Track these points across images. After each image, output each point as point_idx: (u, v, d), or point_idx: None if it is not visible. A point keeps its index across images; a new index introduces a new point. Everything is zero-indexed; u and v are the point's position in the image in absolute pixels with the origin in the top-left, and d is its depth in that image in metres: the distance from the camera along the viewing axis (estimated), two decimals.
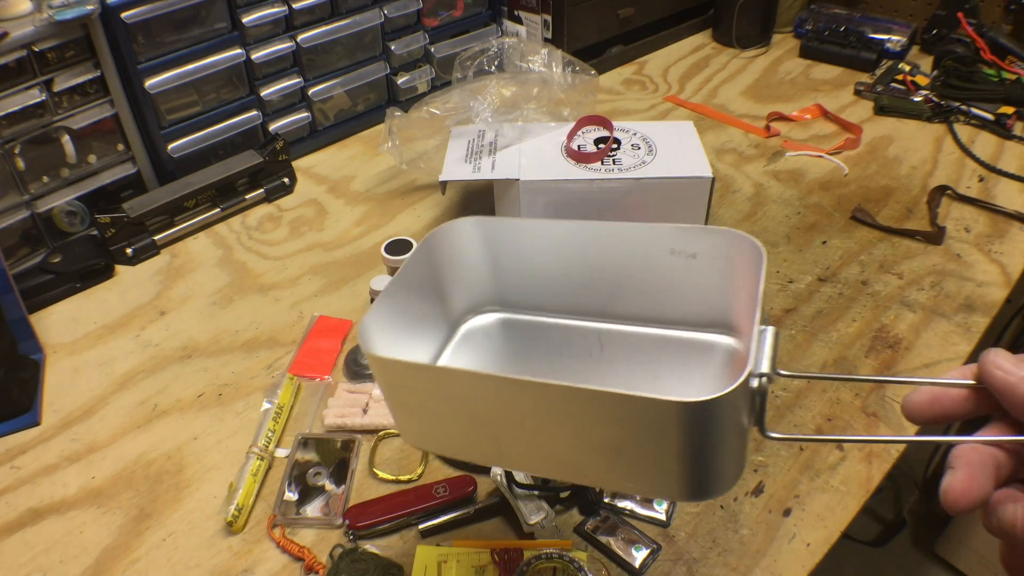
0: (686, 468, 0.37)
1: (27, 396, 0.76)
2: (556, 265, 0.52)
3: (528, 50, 1.03)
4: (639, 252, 0.49)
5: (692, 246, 0.48)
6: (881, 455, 0.67)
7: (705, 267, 0.48)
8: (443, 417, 0.43)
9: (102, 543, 0.63)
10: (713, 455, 0.36)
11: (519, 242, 0.52)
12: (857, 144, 1.14)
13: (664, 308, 0.51)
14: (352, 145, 1.21)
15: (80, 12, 0.86)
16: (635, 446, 0.38)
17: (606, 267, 0.50)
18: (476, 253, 0.53)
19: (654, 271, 0.49)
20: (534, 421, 0.40)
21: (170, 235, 0.99)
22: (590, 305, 0.52)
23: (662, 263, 0.49)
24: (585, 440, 0.39)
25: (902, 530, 1.53)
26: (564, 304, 0.53)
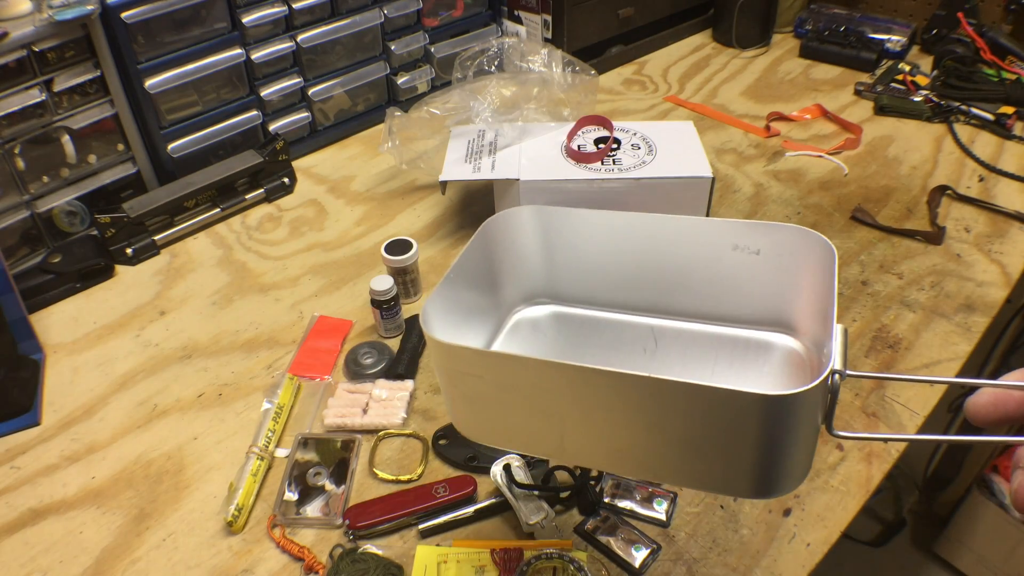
0: (759, 463, 0.37)
1: (27, 396, 0.76)
2: (612, 257, 0.51)
3: (528, 50, 1.03)
4: (701, 247, 0.48)
5: (757, 242, 0.47)
6: (881, 455, 0.67)
7: (768, 264, 0.47)
8: (505, 408, 0.42)
9: (102, 543, 0.63)
10: (786, 451, 0.36)
11: (576, 233, 0.51)
12: (857, 144, 1.14)
13: (722, 304, 0.49)
14: (352, 145, 1.21)
15: (80, 12, 0.86)
16: (710, 440, 0.37)
17: (665, 261, 0.49)
18: (532, 243, 0.52)
19: (715, 267, 0.48)
20: (603, 413, 0.38)
21: (170, 235, 0.99)
22: (645, 300, 0.51)
23: (724, 259, 0.48)
24: (657, 434, 0.38)
25: (902, 530, 1.53)
26: (617, 298, 0.52)
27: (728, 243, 0.47)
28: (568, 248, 0.51)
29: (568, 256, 0.52)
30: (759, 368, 0.48)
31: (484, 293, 0.51)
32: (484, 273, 0.50)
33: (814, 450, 0.38)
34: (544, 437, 0.42)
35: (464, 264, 0.47)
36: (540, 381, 0.39)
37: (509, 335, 0.52)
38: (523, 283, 0.53)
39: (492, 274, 0.51)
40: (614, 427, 0.39)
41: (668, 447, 0.39)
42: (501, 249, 0.50)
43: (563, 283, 0.53)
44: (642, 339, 0.50)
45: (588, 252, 0.51)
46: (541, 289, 0.54)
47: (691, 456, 0.39)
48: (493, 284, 0.51)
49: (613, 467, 0.48)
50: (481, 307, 0.50)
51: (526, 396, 0.40)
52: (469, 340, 0.48)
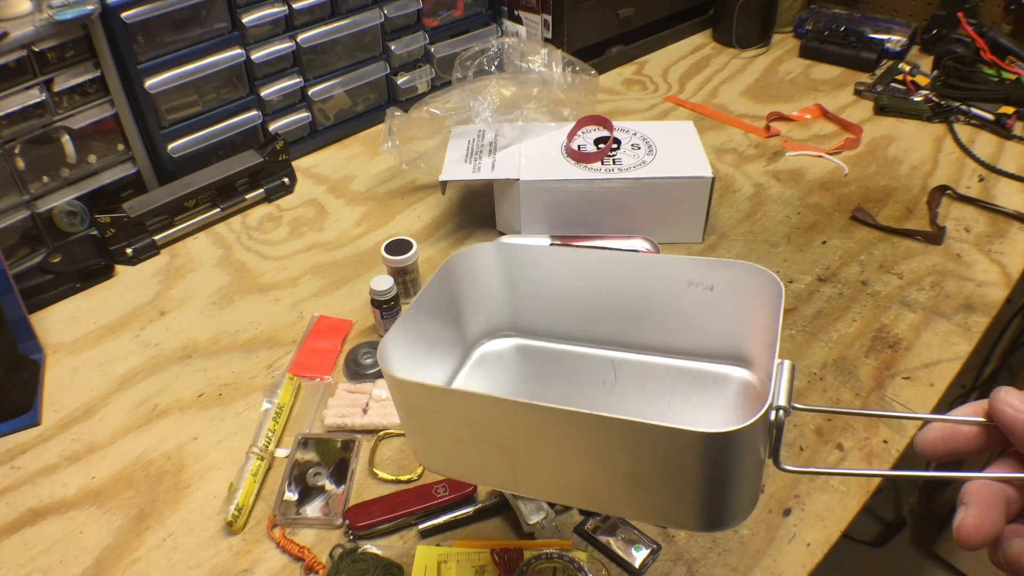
0: (704, 498, 0.37)
1: (27, 396, 0.76)
2: (573, 293, 0.52)
3: (528, 50, 1.03)
4: (657, 282, 0.50)
5: (710, 278, 0.48)
6: (881, 455, 0.67)
7: (722, 299, 0.48)
8: (460, 441, 0.43)
9: (102, 543, 0.63)
10: (730, 486, 0.37)
11: (537, 269, 0.52)
12: (857, 144, 1.14)
13: (679, 338, 0.51)
14: (352, 145, 1.21)
15: (80, 12, 0.86)
16: (655, 475, 0.38)
17: (623, 296, 0.51)
18: (494, 278, 0.53)
19: (671, 302, 0.50)
20: (553, 448, 0.40)
21: (170, 235, 0.99)
22: (605, 333, 0.53)
23: (679, 294, 0.49)
24: (604, 468, 0.39)
25: (902, 530, 1.53)
26: (579, 332, 0.53)
27: (683, 279, 0.49)
28: (530, 283, 0.53)
29: (531, 291, 0.53)
30: (715, 401, 0.48)
31: (448, 326, 0.52)
32: (448, 308, 0.51)
33: (759, 484, 0.39)
34: (498, 470, 0.43)
35: (426, 299, 0.48)
36: (491, 416, 0.40)
37: (474, 367, 0.53)
38: (487, 317, 0.54)
39: (456, 309, 0.52)
40: (564, 461, 0.40)
41: (616, 481, 0.39)
42: (465, 285, 0.52)
43: (526, 317, 0.54)
44: (602, 372, 0.52)
45: (550, 287, 0.52)
46: (505, 323, 0.55)
47: (638, 490, 0.39)
48: (457, 318, 0.53)
49: (564, 499, 0.48)
50: (445, 340, 0.52)
51: (480, 431, 0.41)
52: (433, 373, 0.49)
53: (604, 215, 0.92)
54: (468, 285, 0.52)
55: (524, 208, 0.92)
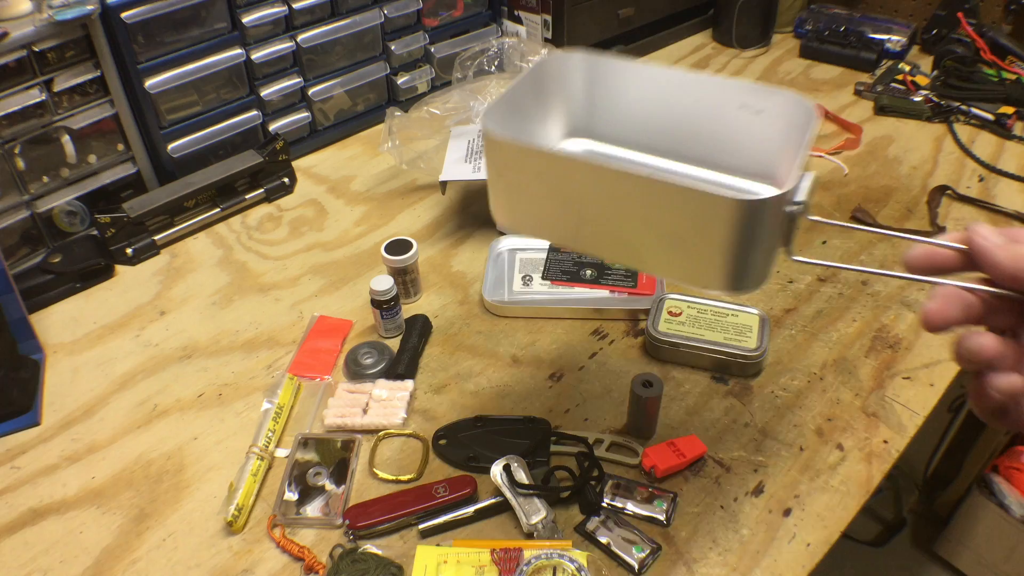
0: (728, 259, 0.45)
1: (27, 396, 0.76)
2: (643, 106, 0.59)
3: (528, 50, 1.03)
4: (715, 102, 0.56)
5: (761, 103, 0.55)
6: (881, 455, 0.67)
7: (767, 124, 0.55)
8: (537, 199, 0.51)
9: (102, 543, 0.63)
10: (749, 251, 0.45)
11: (616, 80, 0.59)
12: (857, 144, 1.14)
13: (725, 156, 0.58)
14: (352, 145, 1.21)
15: (80, 12, 0.86)
16: (691, 234, 0.46)
17: (686, 113, 0.57)
18: (578, 84, 0.60)
19: (724, 122, 0.56)
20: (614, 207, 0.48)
21: (170, 235, 0.99)
22: (665, 145, 0.59)
23: (732, 116, 0.56)
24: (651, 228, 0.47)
25: (902, 530, 1.53)
26: (644, 141, 0.60)
27: (737, 102, 0.56)
28: (608, 93, 0.59)
29: (606, 100, 0.60)
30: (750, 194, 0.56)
31: (533, 123, 0.59)
32: (534, 104, 0.58)
33: (774, 260, 0.47)
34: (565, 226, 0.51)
35: (516, 91, 0.55)
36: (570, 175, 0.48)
37: None
38: (566, 119, 0.61)
39: (542, 107, 0.59)
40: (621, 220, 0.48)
41: (660, 240, 0.48)
42: (553, 86, 0.59)
43: (600, 123, 0.61)
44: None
45: (624, 98, 0.59)
46: (580, 127, 0.62)
47: (677, 251, 0.48)
48: (542, 116, 0.59)
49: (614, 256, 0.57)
50: (529, 132, 0.58)
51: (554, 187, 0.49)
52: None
53: None
54: (556, 86, 0.59)
55: None
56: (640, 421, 0.68)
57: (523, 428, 0.69)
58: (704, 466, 0.67)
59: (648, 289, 0.83)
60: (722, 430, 0.70)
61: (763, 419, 0.71)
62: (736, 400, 0.73)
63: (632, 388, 0.66)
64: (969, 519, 1.41)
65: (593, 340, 0.80)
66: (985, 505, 1.36)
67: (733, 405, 0.73)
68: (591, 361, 0.78)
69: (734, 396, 0.73)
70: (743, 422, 0.71)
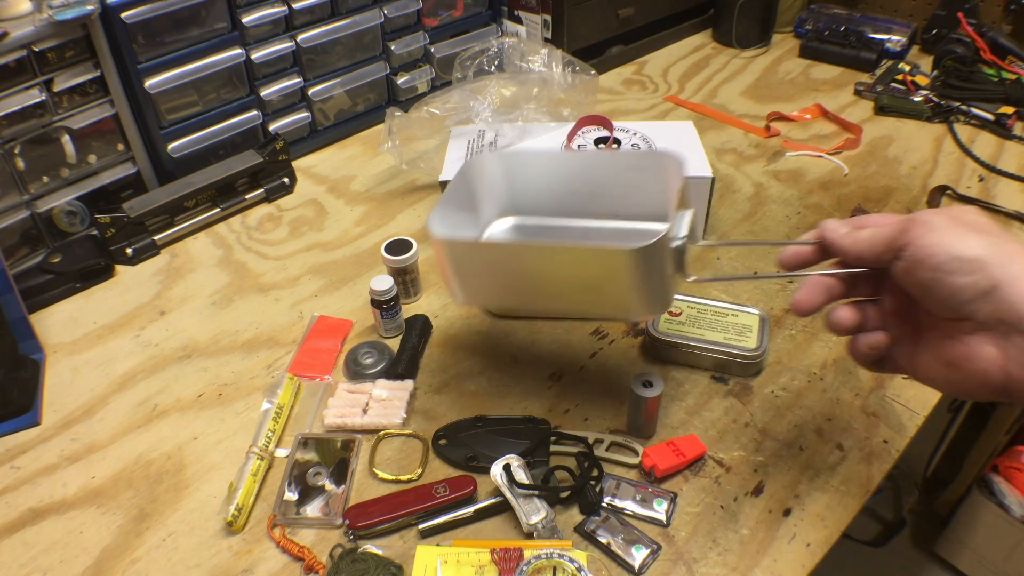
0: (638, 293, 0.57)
1: (27, 396, 0.76)
2: (551, 181, 0.72)
3: (528, 50, 1.03)
4: (608, 169, 0.71)
5: (642, 164, 0.69)
6: (881, 455, 0.67)
7: (650, 178, 0.69)
8: (483, 278, 0.62)
9: (102, 543, 0.63)
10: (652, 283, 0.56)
11: (527, 166, 0.72)
12: (857, 144, 1.14)
13: (624, 207, 0.71)
14: (352, 145, 1.21)
15: (80, 12, 0.86)
16: (605, 281, 0.58)
17: (586, 181, 0.71)
18: (497, 176, 0.72)
19: (617, 182, 0.71)
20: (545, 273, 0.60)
21: (170, 235, 0.99)
22: (575, 208, 0.73)
23: (622, 176, 0.70)
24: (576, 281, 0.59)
25: (902, 530, 1.53)
26: (558, 209, 0.73)
27: (625, 166, 0.70)
28: (522, 177, 0.72)
29: (522, 183, 0.73)
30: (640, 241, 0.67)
31: (467, 214, 0.71)
32: (466, 199, 0.70)
33: (672, 287, 0.58)
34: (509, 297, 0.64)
35: (452, 192, 0.67)
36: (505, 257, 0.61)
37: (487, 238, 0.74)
38: (492, 204, 0.74)
39: (472, 200, 0.71)
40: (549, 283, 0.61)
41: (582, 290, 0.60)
42: (477, 182, 0.71)
43: (520, 201, 0.74)
44: (576, 235, 0.73)
45: (536, 179, 0.72)
46: (506, 208, 0.75)
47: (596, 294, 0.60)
48: (473, 207, 0.72)
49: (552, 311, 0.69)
50: (467, 224, 0.71)
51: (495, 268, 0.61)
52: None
53: None
54: (480, 183, 0.71)
55: None
56: (640, 421, 0.68)
57: (523, 428, 0.69)
58: (704, 466, 0.67)
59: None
60: (722, 430, 0.70)
61: (763, 419, 0.71)
62: (736, 400, 0.73)
63: (632, 388, 0.66)
64: (969, 519, 1.41)
65: (593, 340, 0.80)
66: (985, 505, 1.36)
67: (733, 405, 0.73)
68: (591, 361, 0.78)
69: (734, 396, 0.73)
70: (743, 422, 0.71)
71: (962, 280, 0.45)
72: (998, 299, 0.44)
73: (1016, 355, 0.45)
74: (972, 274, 0.45)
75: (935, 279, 0.46)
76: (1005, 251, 0.45)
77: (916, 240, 0.47)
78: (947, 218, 0.47)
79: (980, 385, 0.47)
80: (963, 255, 0.45)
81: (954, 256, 0.45)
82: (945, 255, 0.46)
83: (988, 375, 0.46)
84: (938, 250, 0.46)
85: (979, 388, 0.48)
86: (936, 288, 0.47)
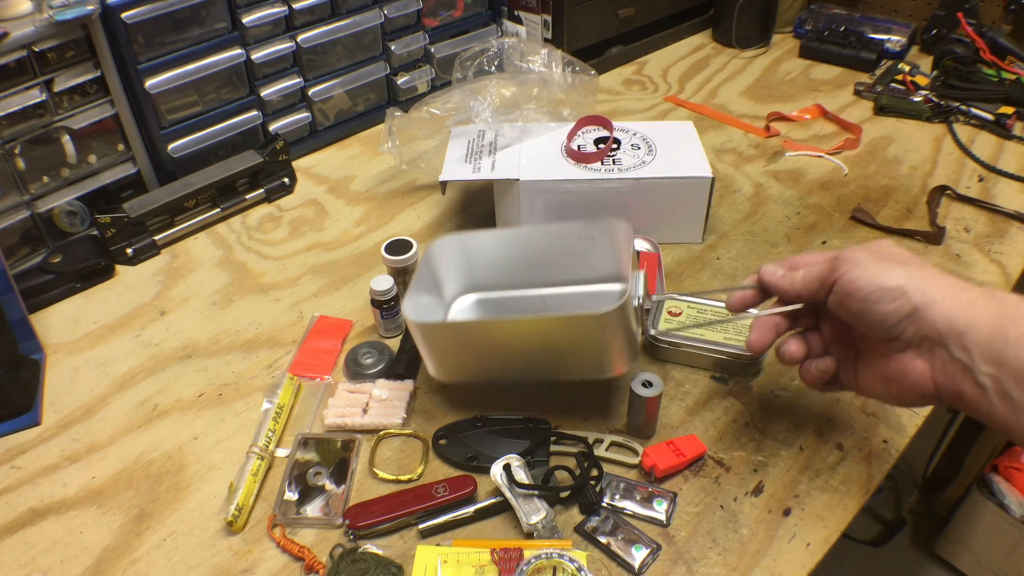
0: (607, 351, 0.64)
1: (27, 396, 0.76)
2: (508, 256, 0.76)
3: (528, 50, 1.03)
4: (560, 241, 0.75)
5: (591, 232, 0.74)
6: (881, 455, 0.67)
7: (602, 244, 0.74)
8: (457, 355, 0.67)
9: (102, 543, 0.63)
10: (619, 340, 0.63)
11: (483, 245, 0.77)
12: (857, 144, 1.14)
13: (579, 272, 0.77)
14: (352, 145, 1.21)
15: (80, 12, 0.86)
16: (575, 345, 0.64)
17: (541, 253, 0.76)
18: (458, 257, 0.77)
19: (571, 251, 0.75)
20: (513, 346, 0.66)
21: (170, 235, 0.99)
22: (534, 279, 0.78)
23: (575, 245, 0.75)
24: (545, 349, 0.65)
25: (902, 530, 1.53)
26: (516, 281, 0.78)
27: (576, 236, 0.74)
28: (480, 256, 0.77)
29: (481, 261, 0.77)
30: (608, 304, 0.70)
31: (433, 294, 0.75)
32: (431, 281, 0.75)
33: (638, 345, 0.65)
34: (482, 369, 0.68)
35: (419, 278, 0.73)
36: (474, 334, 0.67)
37: (452, 316, 0.78)
38: (455, 283, 0.79)
39: (436, 281, 0.76)
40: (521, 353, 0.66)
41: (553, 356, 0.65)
42: (439, 264, 0.76)
43: (481, 278, 0.79)
44: (536, 305, 0.78)
45: (493, 256, 0.77)
46: (468, 285, 0.79)
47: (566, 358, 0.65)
48: (438, 287, 0.77)
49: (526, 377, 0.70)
50: (434, 305, 0.76)
51: (468, 345, 0.67)
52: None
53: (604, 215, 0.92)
54: (442, 264, 0.76)
55: (524, 208, 0.92)
56: (640, 421, 0.68)
57: (523, 428, 0.69)
58: (704, 466, 0.67)
59: (648, 289, 0.83)
60: (722, 430, 0.70)
61: (763, 419, 0.71)
62: (736, 400, 0.73)
63: (632, 388, 0.66)
64: (969, 519, 1.41)
65: None
66: (985, 505, 1.36)
67: (733, 405, 0.73)
68: None
69: (734, 396, 0.73)
70: (743, 422, 0.71)
71: (887, 307, 0.51)
72: (919, 320, 0.51)
73: (941, 366, 0.51)
74: (895, 301, 0.51)
75: (864, 308, 0.53)
76: (921, 276, 0.51)
77: (843, 276, 0.54)
78: (868, 253, 0.54)
79: (916, 395, 0.54)
80: (885, 285, 0.51)
81: (878, 287, 0.52)
82: (871, 287, 0.52)
83: (920, 386, 0.53)
84: (864, 282, 0.52)
85: (915, 398, 0.54)
86: (866, 316, 0.53)
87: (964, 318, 0.50)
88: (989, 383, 0.49)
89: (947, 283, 0.52)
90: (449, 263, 0.76)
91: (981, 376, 0.49)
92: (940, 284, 0.51)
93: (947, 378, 0.51)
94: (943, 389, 0.52)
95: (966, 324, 0.49)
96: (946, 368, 0.51)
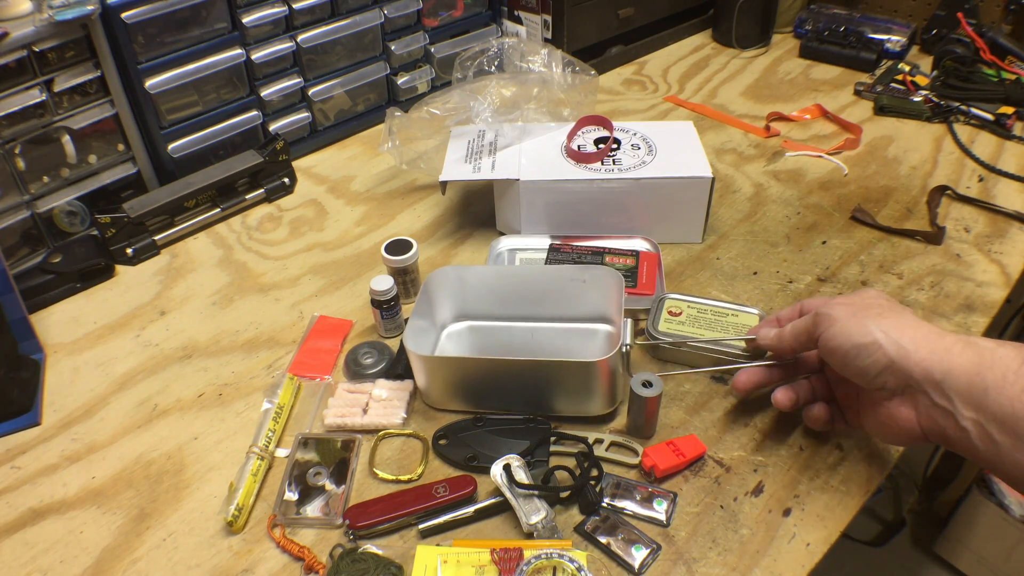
0: (598, 392, 0.69)
1: (27, 396, 0.76)
2: (501, 291, 0.80)
3: (528, 50, 1.03)
4: (552, 281, 0.79)
5: (583, 276, 0.78)
6: (881, 455, 0.67)
7: (592, 287, 0.78)
8: (452, 384, 0.71)
9: (102, 543, 0.63)
10: (606, 386, 0.68)
11: (479, 279, 0.80)
12: (857, 144, 1.14)
13: (567, 311, 0.80)
14: (352, 145, 1.21)
15: (80, 12, 0.86)
16: (570, 384, 0.69)
17: (532, 290, 0.80)
18: (454, 287, 0.80)
19: (563, 291, 0.79)
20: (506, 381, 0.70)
21: (170, 235, 0.99)
22: (524, 313, 0.81)
23: (567, 286, 0.79)
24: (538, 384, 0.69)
25: (902, 530, 1.53)
26: (507, 313, 0.82)
27: (568, 277, 0.78)
28: (475, 288, 0.80)
29: (475, 293, 0.80)
30: (593, 344, 0.79)
31: (428, 320, 0.79)
32: (427, 308, 0.78)
33: (620, 386, 0.70)
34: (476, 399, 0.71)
35: (418, 306, 0.75)
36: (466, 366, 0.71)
37: (445, 342, 0.81)
38: (449, 311, 0.82)
39: (432, 307, 0.79)
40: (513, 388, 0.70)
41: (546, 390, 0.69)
42: (436, 293, 0.79)
43: (473, 308, 0.82)
44: (525, 336, 0.81)
45: (487, 289, 0.80)
46: (461, 313, 0.82)
47: (557, 394, 0.69)
48: (432, 314, 0.80)
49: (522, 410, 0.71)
50: (427, 329, 0.79)
51: (462, 376, 0.71)
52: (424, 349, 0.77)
53: (604, 215, 0.92)
54: (439, 293, 0.79)
55: (524, 208, 0.92)
56: (640, 421, 0.68)
57: (523, 428, 0.69)
58: (704, 466, 0.67)
59: (648, 289, 0.83)
60: (722, 430, 0.70)
61: (763, 419, 0.71)
62: (736, 400, 0.73)
63: (632, 388, 0.66)
64: (969, 519, 1.41)
65: None
66: (985, 505, 1.36)
67: (733, 405, 0.73)
68: None
69: (734, 396, 0.73)
70: (743, 422, 0.71)
71: (864, 361, 0.55)
72: (897, 370, 0.54)
73: (924, 411, 0.54)
74: (871, 355, 0.55)
75: (844, 363, 0.57)
76: (898, 327, 0.55)
77: (823, 334, 0.58)
78: (847, 308, 0.58)
79: (906, 437, 0.57)
80: (860, 341, 0.55)
81: (854, 344, 0.56)
82: (848, 344, 0.56)
83: (908, 429, 0.56)
84: (842, 340, 0.57)
85: (907, 439, 0.58)
86: (847, 370, 0.57)
87: (940, 367, 0.52)
88: (971, 427, 0.51)
89: (922, 333, 0.54)
90: (447, 291, 0.79)
91: (963, 420, 0.52)
92: (915, 335, 0.54)
93: (931, 422, 0.54)
94: (929, 432, 0.55)
95: (943, 373, 0.52)
96: (929, 413, 0.54)
